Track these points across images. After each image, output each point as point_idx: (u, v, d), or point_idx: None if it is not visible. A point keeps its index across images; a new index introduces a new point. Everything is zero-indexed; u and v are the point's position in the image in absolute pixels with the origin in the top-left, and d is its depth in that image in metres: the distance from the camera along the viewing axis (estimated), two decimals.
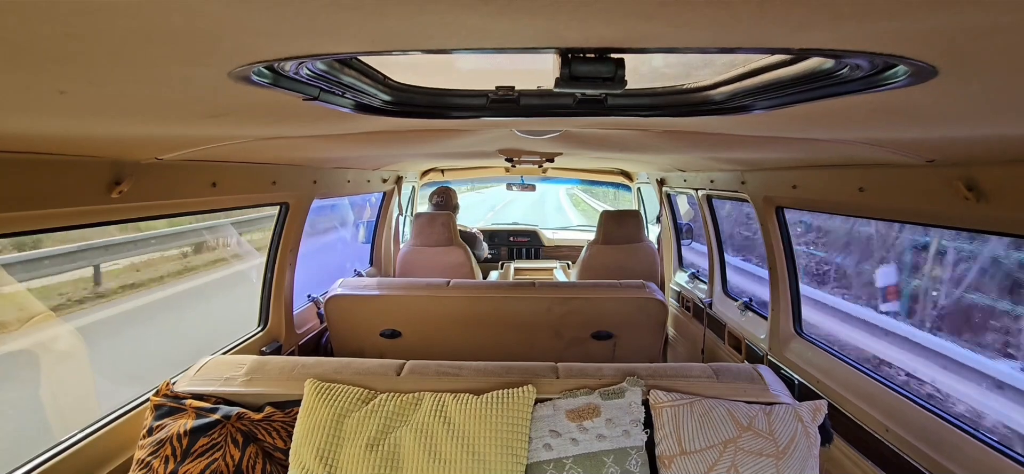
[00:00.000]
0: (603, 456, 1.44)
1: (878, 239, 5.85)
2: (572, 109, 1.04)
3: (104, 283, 5.99)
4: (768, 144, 1.39)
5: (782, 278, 2.24)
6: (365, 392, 1.55)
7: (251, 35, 0.48)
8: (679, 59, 0.95)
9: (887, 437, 1.59)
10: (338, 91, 0.86)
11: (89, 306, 5.53)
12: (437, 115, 1.09)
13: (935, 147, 1.09)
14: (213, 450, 1.46)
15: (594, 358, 2.48)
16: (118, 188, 1.31)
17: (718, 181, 2.74)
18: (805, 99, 0.76)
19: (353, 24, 0.44)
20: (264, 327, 2.38)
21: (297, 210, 2.40)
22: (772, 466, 1.42)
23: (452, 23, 0.44)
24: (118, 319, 5.50)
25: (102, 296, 5.81)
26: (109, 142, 1.10)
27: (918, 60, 0.50)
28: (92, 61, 0.53)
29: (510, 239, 5.30)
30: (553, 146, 2.13)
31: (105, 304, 5.72)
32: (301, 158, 2.02)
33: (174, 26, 0.44)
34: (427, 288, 2.56)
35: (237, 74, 0.61)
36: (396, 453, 1.44)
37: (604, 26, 0.45)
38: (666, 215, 3.88)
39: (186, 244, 7.70)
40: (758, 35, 0.46)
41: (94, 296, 5.74)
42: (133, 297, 6.07)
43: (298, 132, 1.28)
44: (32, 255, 5.17)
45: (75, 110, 0.76)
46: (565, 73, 0.58)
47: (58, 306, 5.20)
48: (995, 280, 4.30)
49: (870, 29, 0.43)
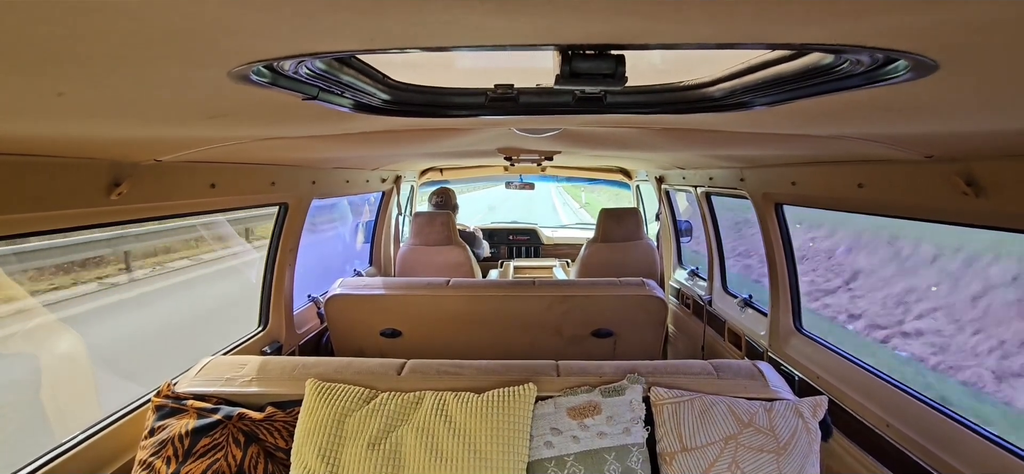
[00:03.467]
0: (604, 453, 1.44)
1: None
2: (571, 107, 1.04)
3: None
4: (767, 141, 1.39)
5: (781, 275, 2.25)
6: (366, 391, 1.55)
7: (250, 34, 0.47)
8: (678, 56, 0.95)
9: (887, 432, 1.59)
10: (337, 90, 0.86)
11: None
12: (436, 114, 1.09)
13: (934, 143, 1.09)
14: (215, 450, 1.46)
15: (594, 356, 2.48)
16: (117, 190, 1.31)
17: (717, 178, 2.74)
18: (805, 95, 0.76)
19: (352, 22, 0.44)
20: (264, 327, 2.38)
21: (296, 211, 2.39)
22: (773, 462, 1.42)
23: (452, 21, 0.44)
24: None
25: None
26: (108, 144, 1.09)
27: (919, 55, 0.50)
28: (91, 62, 0.52)
29: (509, 238, 5.29)
30: (552, 144, 2.13)
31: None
32: (300, 158, 2.02)
33: (173, 26, 0.43)
34: (427, 287, 2.56)
35: (236, 74, 0.61)
36: (398, 452, 1.44)
37: (605, 22, 0.45)
38: (665, 213, 3.88)
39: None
40: (759, 30, 0.46)
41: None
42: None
43: (297, 132, 1.28)
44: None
45: (74, 112, 0.76)
46: (566, 70, 0.58)
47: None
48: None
49: (871, 24, 0.43)
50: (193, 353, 1.88)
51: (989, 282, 5.22)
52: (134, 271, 6.77)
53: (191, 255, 7.83)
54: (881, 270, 6.76)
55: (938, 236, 5.95)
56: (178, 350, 4.63)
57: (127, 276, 6.57)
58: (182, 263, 7.58)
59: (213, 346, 2.04)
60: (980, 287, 5.29)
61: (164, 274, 7.11)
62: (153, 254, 7.47)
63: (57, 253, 5.54)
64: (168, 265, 7.36)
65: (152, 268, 7.09)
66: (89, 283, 5.92)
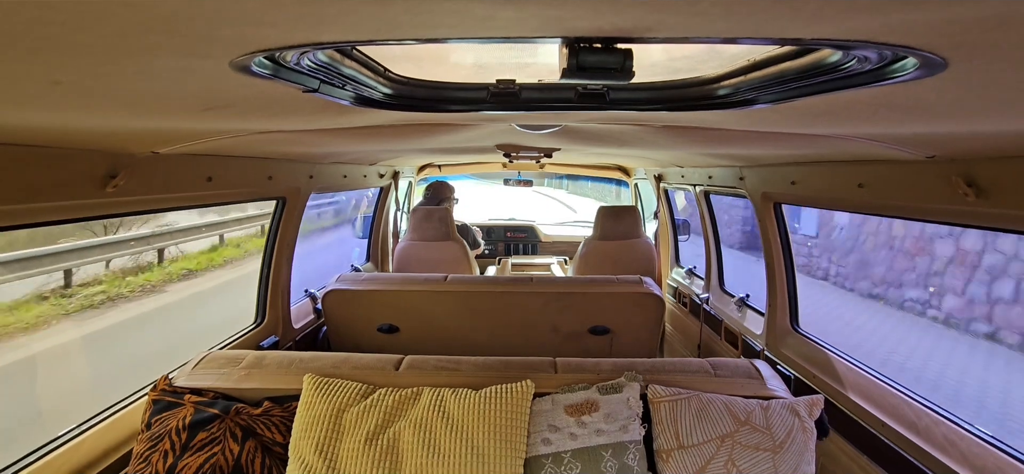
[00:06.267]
0: (601, 450, 1.44)
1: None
2: (573, 103, 1.03)
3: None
4: (769, 139, 1.38)
5: (779, 274, 2.25)
6: (364, 387, 1.54)
7: (253, 23, 0.46)
8: (682, 52, 0.94)
9: (883, 432, 1.60)
10: (338, 83, 0.85)
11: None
12: (437, 108, 1.08)
13: (936, 143, 1.09)
14: (212, 444, 1.45)
15: (591, 353, 2.48)
16: (113, 182, 1.30)
17: (716, 177, 2.74)
18: (809, 93, 0.75)
19: (359, 12, 0.43)
20: (262, 322, 2.37)
21: (294, 205, 2.38)
22: (769, 460, 1.42)
23: (458, 11, 0.43)
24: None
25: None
26: (105, 135, 1.08)
27: (929, 52, 0.50)
28: (88, 51, 0.51)
29: (507, 234, 5.29)
30: (552, 141, 2.12)
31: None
32: (298, 153, 2.01)
33: (174, 14, 0.42)
34: (425, 283, 2.56)
35: (237, 64, 0.60)
36: (395, 447, 1.44)
37: (614, 14, 0.44)
38: (663, 211, 3.88)
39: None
40: (770, 25, 0.45)
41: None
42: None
43: (297, 126, 1.26)
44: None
45: (70, 102, 0.75)
46: (572, 64, 0.57)
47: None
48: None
49: (883, 20, 0.42)
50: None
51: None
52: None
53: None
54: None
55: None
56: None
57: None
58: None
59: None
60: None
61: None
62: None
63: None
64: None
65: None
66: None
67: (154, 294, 7.28)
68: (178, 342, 5.50)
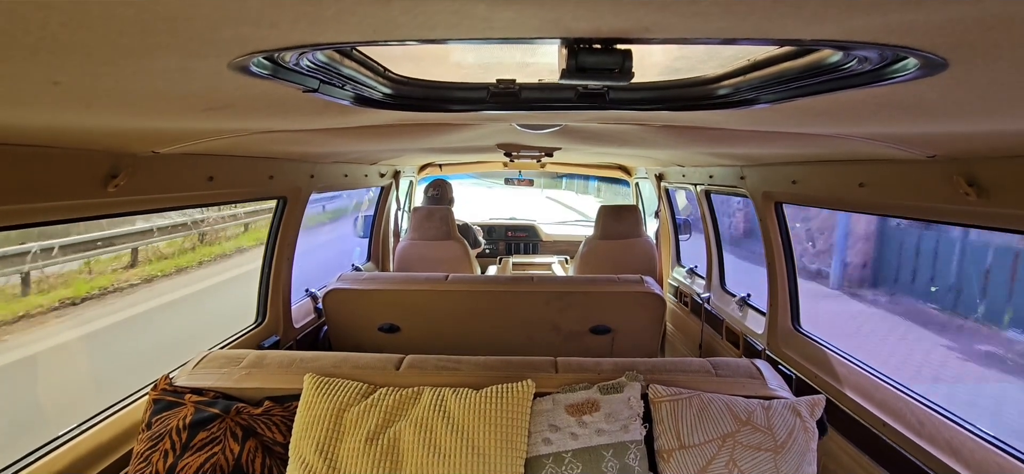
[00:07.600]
0: (602, 450, 1.44)
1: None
2: (573, 103, 1.03)
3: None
4: (769, 139, 1.38)
5: (780, 274, 2.25)
6: (364, 386, 1.55)
7: (251, 24, 0.46)
8: (682, 52, 0.94)
9: (884, 432, 1.60)
10: (338, 83, 0.85)
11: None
12: (437, 108, 1.08)
13: (937, 142, 1.08)
14: (212, 444, 1.46)
15: (592, 352, 2.48)
16: (114, 181, 1.30)
17: (717, 176, 2.73)
18: (809, 93, 0.75)
19: (358, 13, 0.43)
20: (262, 321, 2.38)
21: (294, 204, 2.38)
22: (770, 460, 1.42)
23: (457, 12, 0.43)
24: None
25: None
26: (105, 135, 1.08)
27: (929, 52, 0.49)
28: (88, 51, 0.51)
29: (508, 234, 5.29)
30: (552, 141, 2.12)
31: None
32: (299, 152, 2.01)
33: (173, 14, 0.42)
34: (425, 282, 2.56)
35: (236, 65, 0.60)
36: (396, 447, 1.44)
37: (613, 16, 0.44)
38: (664, 210, 3.88)
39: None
40: (771, 26, 0.45)
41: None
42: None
43: (297, 126, 1.26)
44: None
45: (70, 101, 0.75)
46: (571, 65, 0.57)
47: None
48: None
49: (884, 20, 0.42)
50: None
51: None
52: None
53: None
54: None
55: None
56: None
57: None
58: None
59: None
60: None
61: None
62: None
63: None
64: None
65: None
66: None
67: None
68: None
